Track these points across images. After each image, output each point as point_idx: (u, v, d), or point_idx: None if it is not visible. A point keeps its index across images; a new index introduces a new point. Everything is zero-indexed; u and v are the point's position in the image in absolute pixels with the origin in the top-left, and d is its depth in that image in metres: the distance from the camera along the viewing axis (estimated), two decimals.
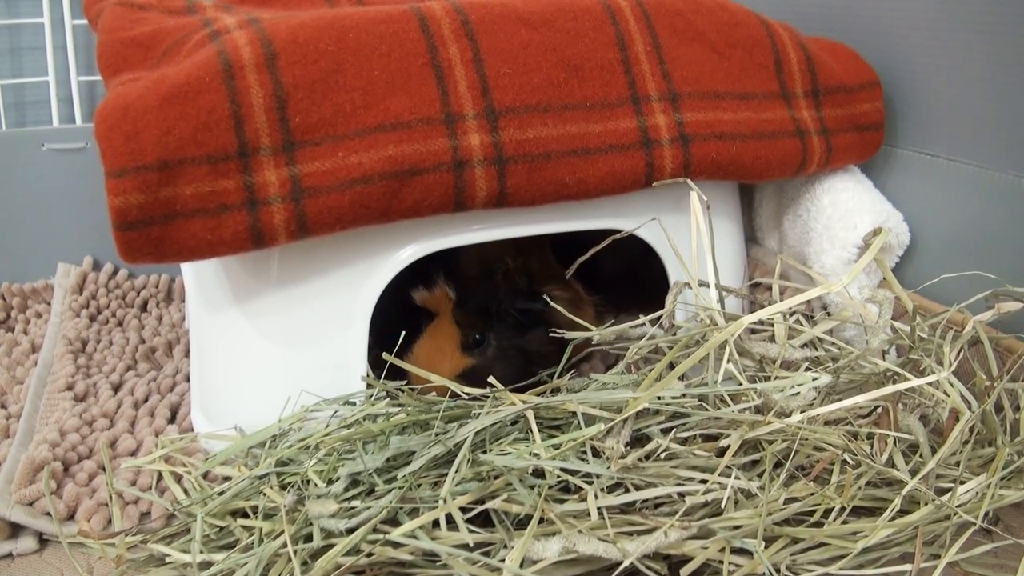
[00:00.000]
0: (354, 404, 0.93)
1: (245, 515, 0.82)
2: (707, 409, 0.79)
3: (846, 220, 1.08)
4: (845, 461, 0.79)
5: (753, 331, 0.99)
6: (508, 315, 1.05)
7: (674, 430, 0.79)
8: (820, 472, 0.77)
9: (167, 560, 0.80)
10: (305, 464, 0.82)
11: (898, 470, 0.78)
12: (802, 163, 1.06)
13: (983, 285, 0.96)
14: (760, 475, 0.78)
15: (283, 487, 0.82)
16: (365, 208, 0.84)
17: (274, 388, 0.93)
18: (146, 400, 1.13)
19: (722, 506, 0.74)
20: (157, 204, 0.78)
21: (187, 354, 1.25)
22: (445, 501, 0.73)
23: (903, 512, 0.77)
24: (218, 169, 0.79)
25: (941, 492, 0.79)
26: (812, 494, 0.76)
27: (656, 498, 0.76)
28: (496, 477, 0.75)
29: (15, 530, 0.89)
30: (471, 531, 0.72)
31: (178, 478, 0.92)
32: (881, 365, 0.87)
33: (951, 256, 1.06)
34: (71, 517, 0.90)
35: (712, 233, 0.92)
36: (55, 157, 1.47)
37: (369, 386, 0.94)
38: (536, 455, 0.76)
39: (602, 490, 0.74)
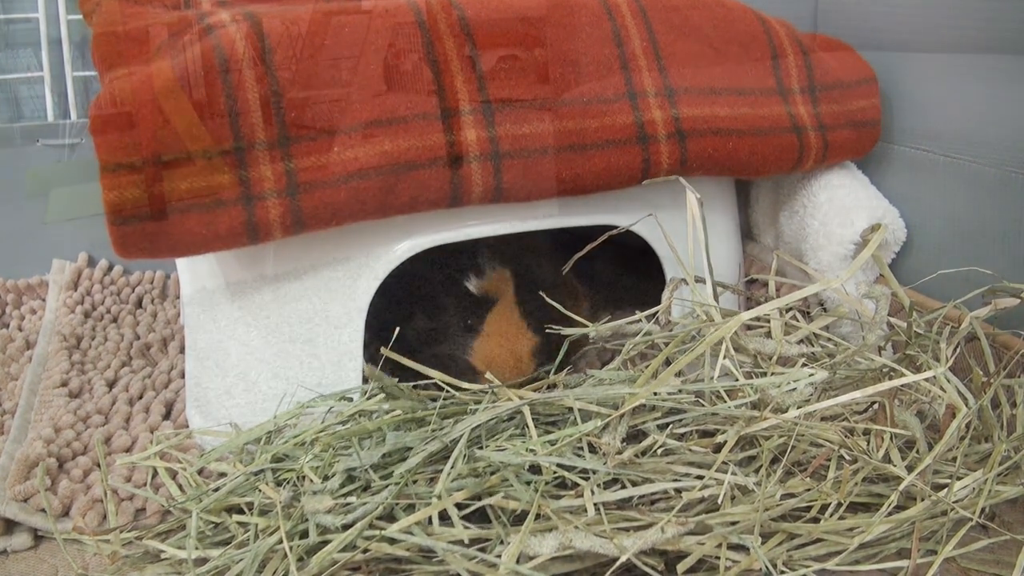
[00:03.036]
0: (350, 400, 0.93)
1: (240, 511, 0.82)
2: (704, 405, 0.79)
3: (843, 216, 1.08)
4: (842, 457, 0.79)
5: (749, 327, 0.99)
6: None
7: (671, 426, 0.79)
8: (817, 468, 0.77)
9: (162, 556, 0.79)
10: (301, 460, 0.82)
11: (895, 466, 0.78)
12: (799, 159, 1.06)
13: (980, 281, 0.96)
14: (757, 471, 0.78)
15: (278, 483, 0.82)
16: (361, 203, 0.84)
17: (269, 384, 0.93)
18: (141, 396, 1.12)
19: (719, 502, 0.74)
20: (152, 199, 0.77)
21: (182, 350, 1.24)
22: (441, 497, 0.72)
23: (900, 508, 0.77)
24: (213, 164, 0.79)
25: (938, 488, 0.79)
26: (809, 490, 0.76)
27: (653, 494, 0.76)
28: (492, 473, 0.74)
29: (10, 526, 0.89)
30: (467, 527, 0.72)
31: (173, 474, 0.92)
32: (878, 361, 0.87)
33: (948, 252, 1.06)
34: (66, 513, 0.90)
35: (706, 229, 0.92)
36: (50, 153, 1.47)
37: (366, 381, 0.94)
38: (532, 451, 0.76)
39: (599, 486, 0.74)
